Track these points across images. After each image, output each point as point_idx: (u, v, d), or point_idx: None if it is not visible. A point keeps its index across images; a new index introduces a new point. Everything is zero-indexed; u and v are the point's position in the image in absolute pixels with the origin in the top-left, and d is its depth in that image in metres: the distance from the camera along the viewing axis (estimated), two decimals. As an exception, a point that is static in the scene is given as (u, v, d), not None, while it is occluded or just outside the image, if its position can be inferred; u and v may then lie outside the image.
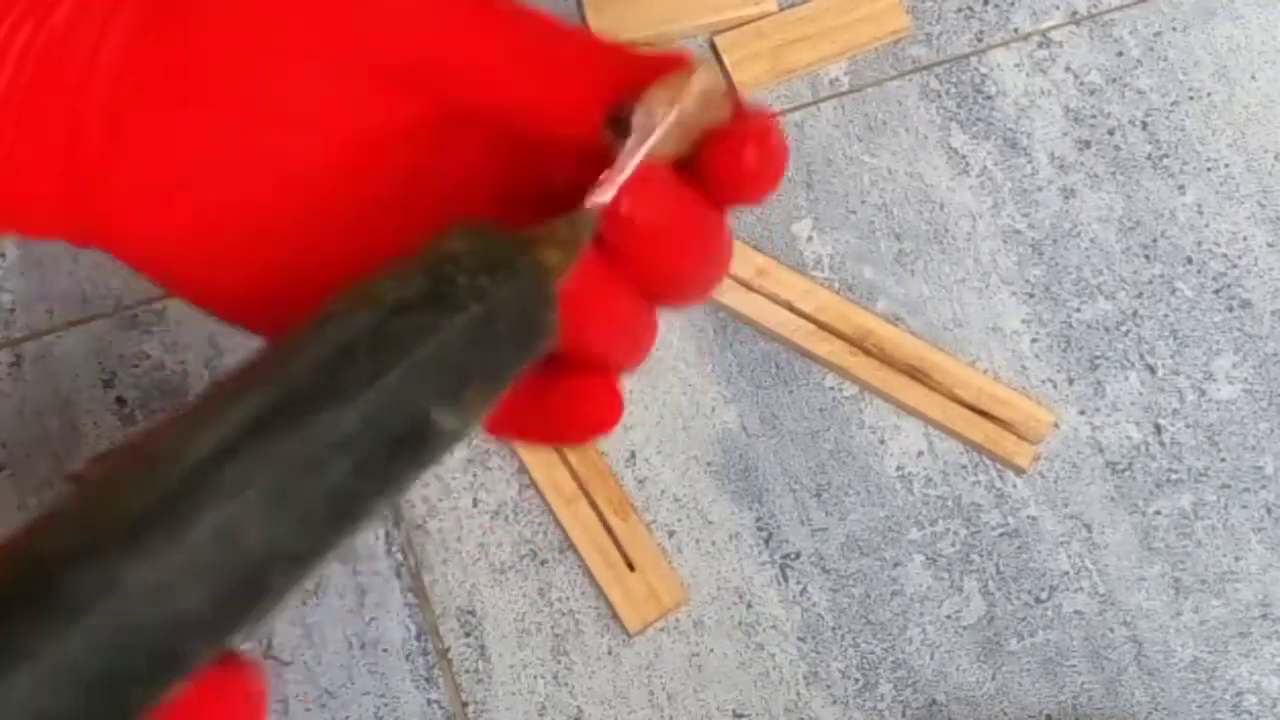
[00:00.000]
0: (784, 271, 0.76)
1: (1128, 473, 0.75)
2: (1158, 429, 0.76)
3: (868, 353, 0.75)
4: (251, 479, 0.32)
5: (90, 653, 0.29)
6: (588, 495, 0.73)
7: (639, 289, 0.42)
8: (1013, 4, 0.83)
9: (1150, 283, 0.78)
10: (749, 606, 0.72)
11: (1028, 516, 0.74)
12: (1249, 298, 0.78)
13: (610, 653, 0.71)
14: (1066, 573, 0.73)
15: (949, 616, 0.73)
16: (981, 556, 0.73)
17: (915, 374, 0.75)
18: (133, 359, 0.74)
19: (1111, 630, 0.73)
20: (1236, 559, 0.74)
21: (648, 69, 0.40)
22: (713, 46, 0.81)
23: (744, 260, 0.76)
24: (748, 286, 0.76)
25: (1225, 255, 0.79)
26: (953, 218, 0.79)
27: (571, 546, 0.72)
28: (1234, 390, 0.77)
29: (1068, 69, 0.82)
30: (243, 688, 0.42)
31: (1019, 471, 0.74)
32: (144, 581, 0.30)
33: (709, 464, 0.74)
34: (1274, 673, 0.73)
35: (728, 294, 0.76)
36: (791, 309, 0.76)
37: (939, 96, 0.81)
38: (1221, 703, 0.72)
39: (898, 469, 0.75)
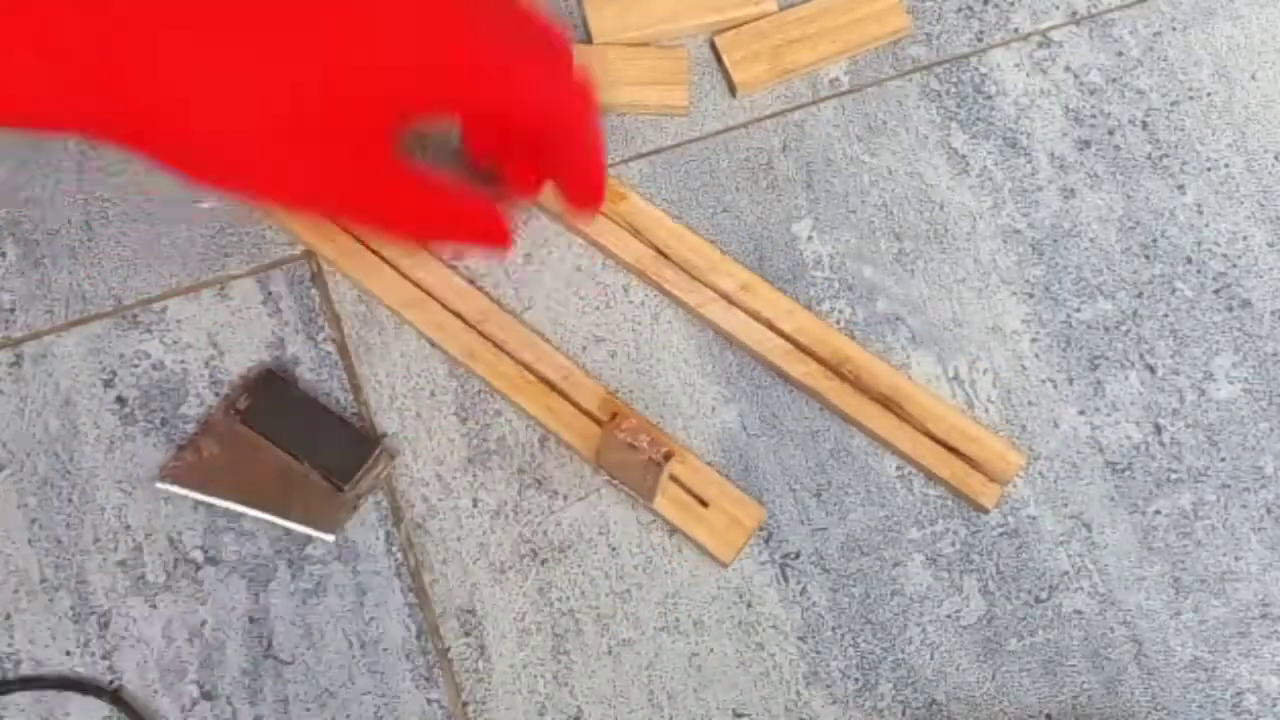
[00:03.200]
0: (766, 289, 0.76)
1: (1127, 472, 0.75)
2: (1157, 429, 0.76)
3: (843, 378, 0.75)
4: None
5: None
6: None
7: None
8: (1013, 4, 0.83)
9: (1150, 282, 0.78)
10: (749, 606, 0.72)
11: (1027, 516, 0.74)
12: (1249, 297, 0.78)
13: (610, 652, 0.71)
14: (1066, 572, 0.73)
15: (949, 616, 0.73)
16: (981, 556, 0.73)
17: (888, 404, 0.74)
18: (133, 359, 0.74)
19: (1111, 630, 0.73)
20: (1236, 559, 0.74)
21: None
22: (713, 46, 0.81)
23: (728, 274, 0.76)
24: (729, 300, 0.76)
25: (1225, 255, 0.79)
26: (953, 217, 0.79)
27: (572, 545, 0.73)
28: (1234, 390, 0.77)
29: (1068, 69, 0.82)
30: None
31: (983, 511, 0.74)
32: None
33: (709, 463, 0.74)
34: (1274, 672, 0.73)
35: (708, 306, 0.75)
36: (771, 327, 0.75)
37: (939, 96, 0.81)
38: (1221, 702, 0.72)
39: (897, 469, 0.75)
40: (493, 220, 0.68)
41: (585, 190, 0.70)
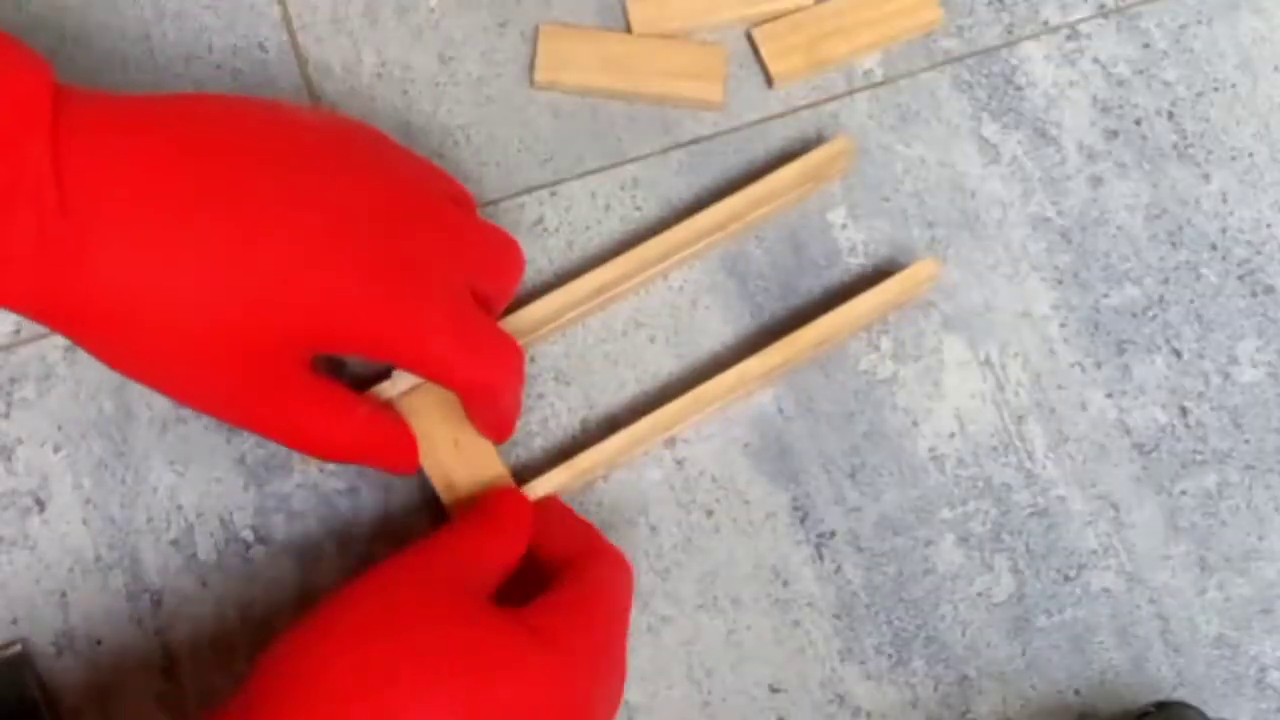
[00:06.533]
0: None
1: (1154, 454, 0.77)
2: (1183, 411, 0.77)
3: None
4: None
5: None
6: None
7: None
8: (1041, -3, 0.85)
9: (1176, 269, 0.80)
10: (785, 584, 0.74)
11: (1056, 496, 0.76)
12: (1272, 284, 0.80)
13: (650, 630, 0.73)
14: (1094, 551, 0.75)
15: (980, 594, 0.74)
16: (1011, 535, 0.75)
17: None
18: (185, 343, 0.76)
19: (1138, 607, 0.74)
20: (1260, 538, 0.76)
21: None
22: (749, 39, 0.82)
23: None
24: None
25: (1249, 242, 0.80)
26: (983, 206, 0.80)
27: (613, 525, 0.74)
28: (1257, 374, 0.78)
29: (1096, 61, 0.83)
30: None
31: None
32: None
33: (746, 445, 0.76)
34: (1297, 649, 0.74)
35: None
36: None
37: (970, 87, 0.82)
38: (1245, 679, 0.74)
39: (930, 450, 0.76)
40: (402, 442, 0.71)
41: (492, 433, 0.73)
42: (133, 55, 0.80)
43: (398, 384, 0.73)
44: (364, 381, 0.75)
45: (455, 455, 0.73)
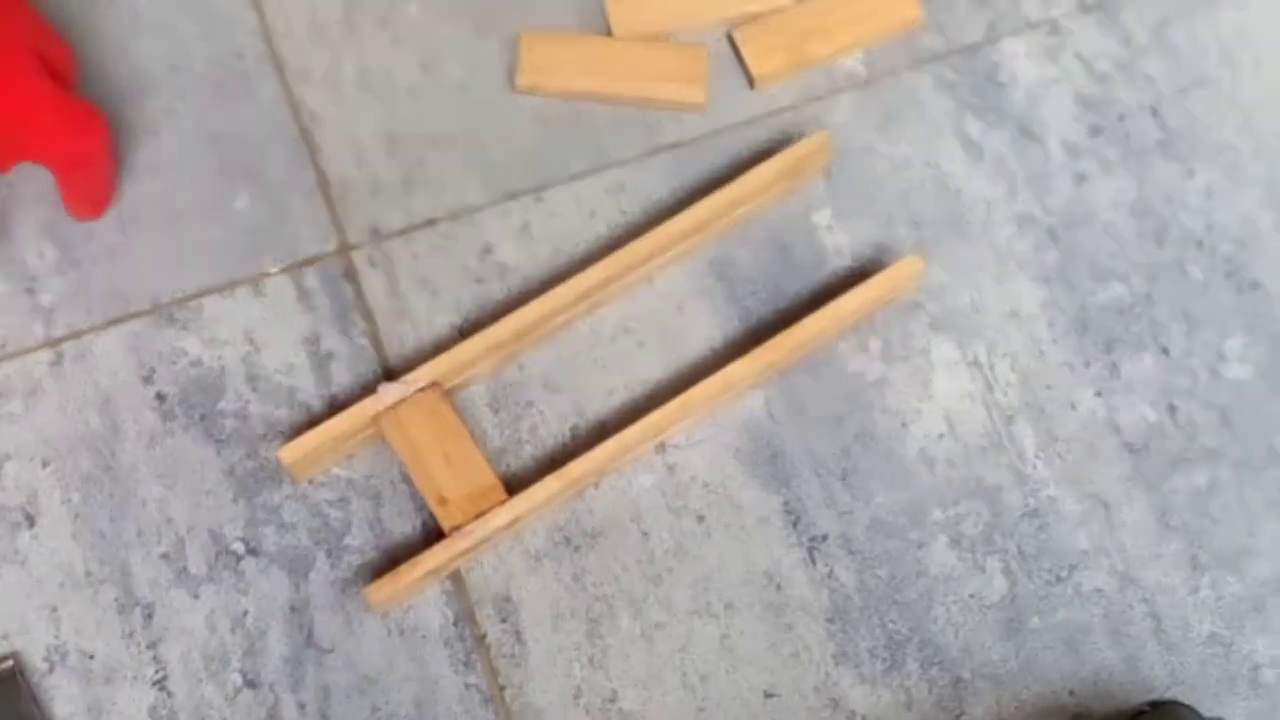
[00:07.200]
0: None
1: (1144, 452, 0.77)
2: (1172, 409, 0.78)
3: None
4: None
5: None
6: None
7: None
8: (1023, -8, 0.85)
9: (1162, 266, 0.80)
10: (778, 588, 0.74)
11: (1047, 496, 0.76)
12: (1259, 279, 0.80)
13: (643, 635, 0.73)
14: (1086, 551, 0.75)
15: (973, 596, 0.74)
16: (1003, 536, 0.75)
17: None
18: (171, 356, 0.75)
19: (1131, 607, 0.74)
20: (1251, 535, 0.76)
21: None
22: (731, 40, 0.82)
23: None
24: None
25: (1235, 238, 0.81)
26: (969, 205, 0.80)
27: (605, 531, 0.74)
28: (1246, 371, 0.78)
29: (1077, 56, 0.83)
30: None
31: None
32: None
33: (737, 450, 0.76)
34: (1289, 645, 0.75)
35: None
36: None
37: (953, 86, 0.82)
38: (1239, 676, 0.74)
39: (920, 451, 0.76)
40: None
41: (88, 209, 0.77)
42: (111, 63, 0.79)
43: (384, 399, 0.73)
44: (351, 397, 0.75)
45: (445, 468, 0.73)
